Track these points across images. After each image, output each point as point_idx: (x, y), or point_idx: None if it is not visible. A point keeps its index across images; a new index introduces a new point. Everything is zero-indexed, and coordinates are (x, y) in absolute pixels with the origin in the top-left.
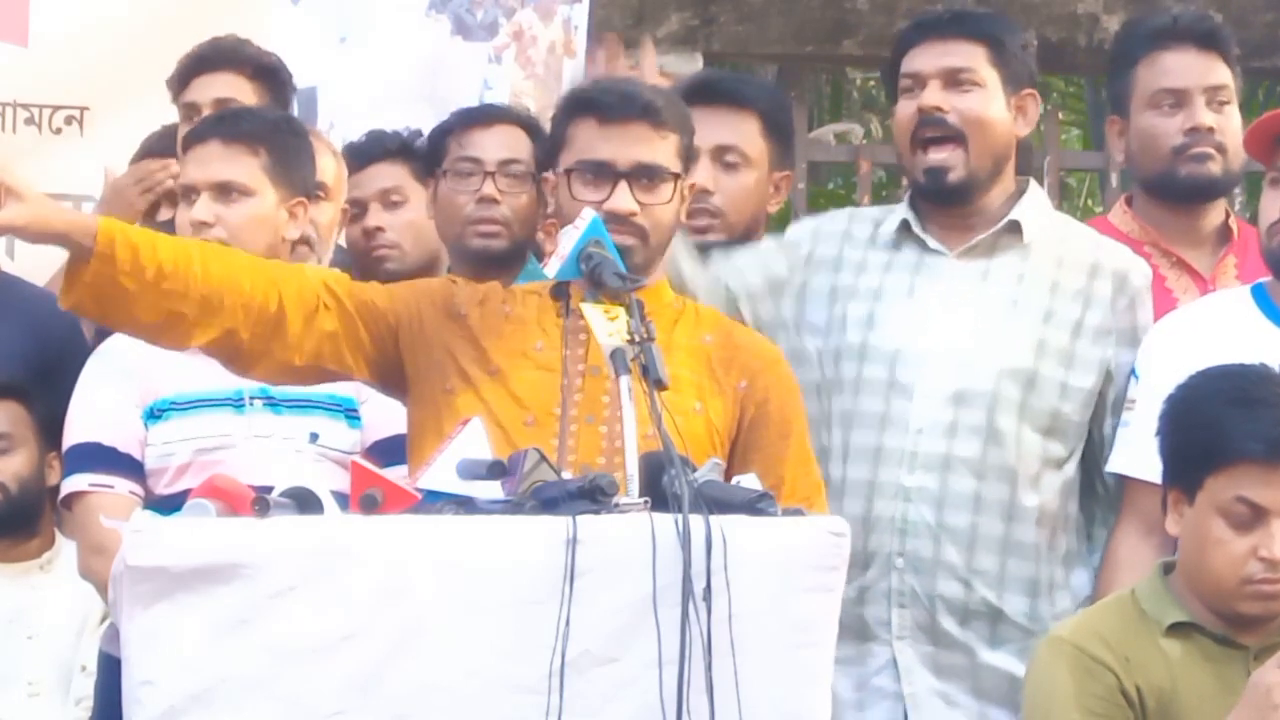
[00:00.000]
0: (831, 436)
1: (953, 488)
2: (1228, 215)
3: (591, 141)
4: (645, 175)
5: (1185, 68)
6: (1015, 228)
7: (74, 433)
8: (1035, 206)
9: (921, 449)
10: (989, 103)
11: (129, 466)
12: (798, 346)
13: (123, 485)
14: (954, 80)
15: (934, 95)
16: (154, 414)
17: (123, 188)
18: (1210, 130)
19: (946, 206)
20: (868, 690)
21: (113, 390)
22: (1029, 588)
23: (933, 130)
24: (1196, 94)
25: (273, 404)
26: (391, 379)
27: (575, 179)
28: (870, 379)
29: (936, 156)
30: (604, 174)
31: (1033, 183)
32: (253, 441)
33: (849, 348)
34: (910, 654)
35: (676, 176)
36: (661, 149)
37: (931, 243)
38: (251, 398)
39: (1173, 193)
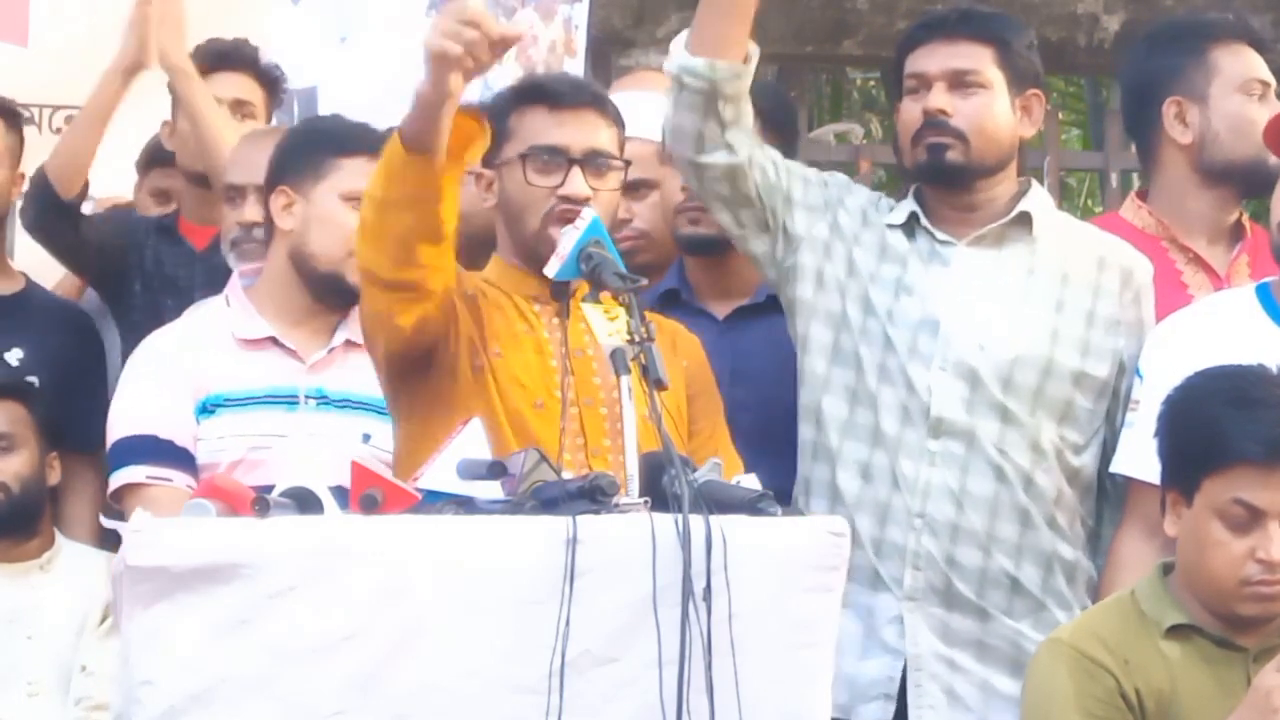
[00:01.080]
0: (855, 411)
1: (976, 457)
2: (1240, 213)
3: (544, 128)
4: (597, 161)
5: (1262, 62)
6: (1024, 219)
7: (122, 426)
8: (1041, 203)
9: (946, 415)
10: (993, 104)
11: (185, 460)
12: (794, 297)
13: (180, 479)
14: (959, 82)
15: (939, 98)
16: (206, 409)
17: None
18: None
19: (949, 193)
20: (873, 639)
21: (164, 385)
22: (1044, 560)
23: (935, 134)
24: (1271, 87)
25: (326, 403)
26: (406, 373)
27: (529, 165)
28: (889, 361)
29: (936, 139)
30: (557, 159)
31: (1034, 181)
32: (305, 440)
33: (872, 333)
34: (918, 616)
35: (627, 165)
36: (609, 137)
37: (940, 234)
38: (306, 396)
39: (1255, 179)
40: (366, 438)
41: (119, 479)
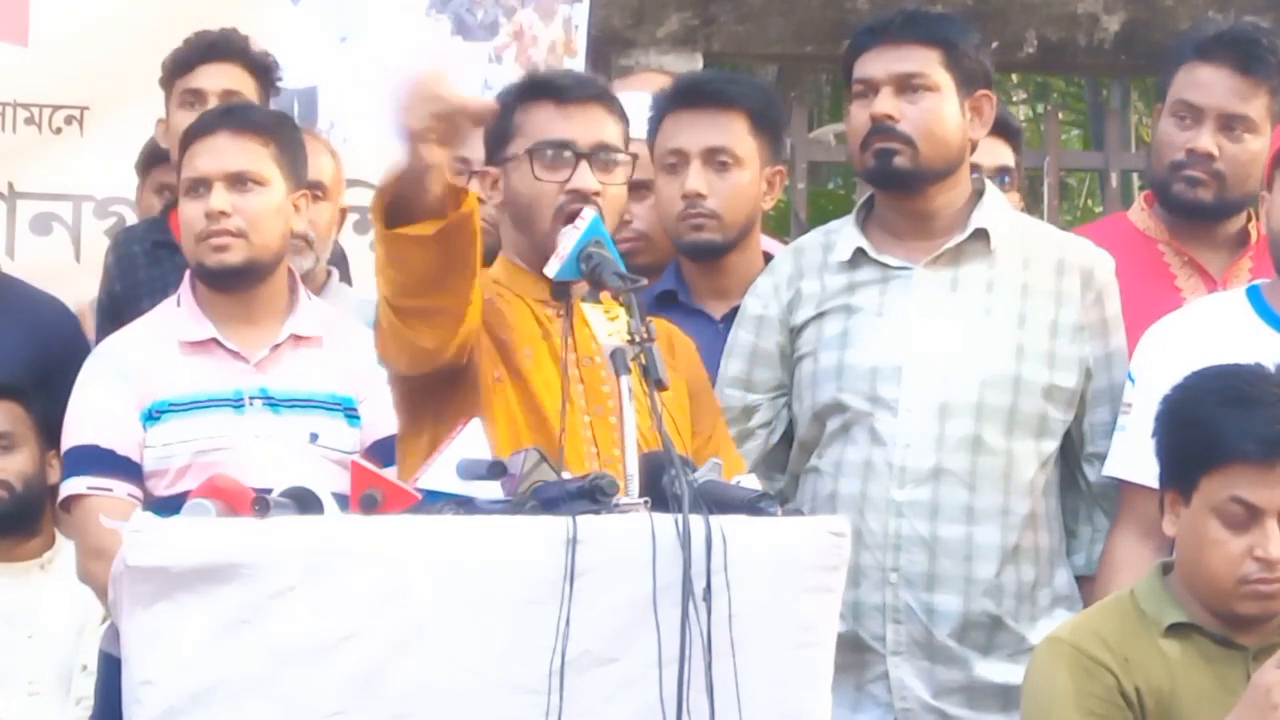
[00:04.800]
0: (822, 456)
1: (945, 500)
2: (1249, 219)
3: (550, 123)
4: (605, 156)
5: (1211, 86)
6: (981, 234)
7: (72, 435)
8: (996, 209)
9: (910, 463)
10: (941, 107)
11: (127, 469)
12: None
13: (121, 488)
14: (906, 86)
15: (885, 103)
16: (152, 415)
17: None
18: (1209, 156)
19: (901, 200)
20: (864, 693)
21: (111, 392)
22: (1022, 591)
23: (882, 140)
24: (1210, 116)
25: (272, 404)
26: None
27: (536, 160)
28: (851, 398)
29: (884, 145)
30: (564, 154)
31: (988, 182)
32: (252, 442)
33: (825, 370)
34: (906, 669)
35: (634, 158)
36: (615, 133)
37: (893, 261)
38: (251, 398)
39: (1164, 203)
40: (314, 437)
41: (63, 490)
